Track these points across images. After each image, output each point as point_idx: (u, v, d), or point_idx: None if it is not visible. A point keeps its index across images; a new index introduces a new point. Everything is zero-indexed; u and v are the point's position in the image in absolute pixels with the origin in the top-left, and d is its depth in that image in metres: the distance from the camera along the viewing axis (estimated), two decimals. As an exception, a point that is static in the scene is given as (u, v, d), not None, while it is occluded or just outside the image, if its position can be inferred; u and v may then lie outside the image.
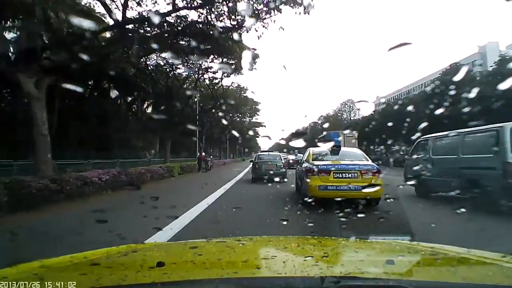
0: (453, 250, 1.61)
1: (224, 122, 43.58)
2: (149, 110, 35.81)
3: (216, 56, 23.05)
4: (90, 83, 25.15)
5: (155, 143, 33.72)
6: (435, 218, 6.12)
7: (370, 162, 7.52)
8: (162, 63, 24.74)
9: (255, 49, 22.01)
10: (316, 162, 7.58)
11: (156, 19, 12.53)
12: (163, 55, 22.87)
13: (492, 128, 7.21)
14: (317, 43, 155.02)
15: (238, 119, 49.90)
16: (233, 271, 1.18)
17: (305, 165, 8.15)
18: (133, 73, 23.73)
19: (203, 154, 25.21)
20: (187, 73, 27.14)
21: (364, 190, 6.16)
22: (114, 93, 28.05)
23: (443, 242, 1.88)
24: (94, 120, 24.38)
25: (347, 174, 6.97)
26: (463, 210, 6.34)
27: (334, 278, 0.99)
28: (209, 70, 27.30)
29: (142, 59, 21.77)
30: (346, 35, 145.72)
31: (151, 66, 25.20)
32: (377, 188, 6.35)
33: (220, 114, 42.99)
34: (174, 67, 25.28)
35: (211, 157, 35.04)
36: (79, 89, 22.34)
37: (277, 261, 1.41)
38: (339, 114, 77.90)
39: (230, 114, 45.75)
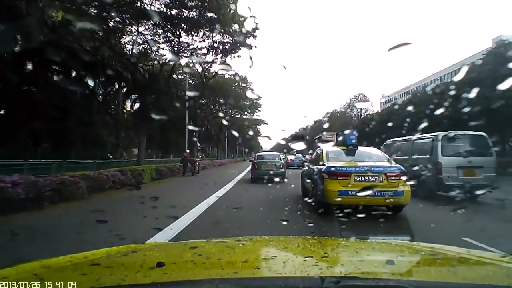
0: (453, 250, 1.61)
1: (221, 116, 39.66)
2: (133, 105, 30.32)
3: (206, 34, 19.11)
4: (56, 67, 19.75)
5: (140, 141, 28.86)
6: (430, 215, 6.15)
7: (394, 163, 6.74)
8: (140, 41, 19.97)
9: (254, 17, 19.60)
10: (333, 164, 6.66)
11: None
12: (140, 29, 18.73)
13: (429, 136, 9.26)
14: (320, 40, 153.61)
15: (237, 115, 45.74)
16: (233, 271, 1.18)
17: (319, 166, 7.16)
18: (107, 54, 18.81)
19: (188, 152, 21.06)
20: (169, 51, 20.57)
21: (391, 196, 5.72)
22: (83, 78, 21.52)
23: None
24: (51, 110, 18.13)
25: (370, 177, 6.13)
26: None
27: (334, 278, 0.99)
28: (197, 50, 21.23)
29: (114, 35, 17.57)
30: (352, 32, 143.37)
31: (127, 44, 20.51)
32: (405, 193, 5.95)
33: (216, 107, 38.20)
34: (152, 43, 19.97)
35: (200, 156, 30.64)
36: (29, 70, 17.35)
37: (277, 261, 1.42)
38: (348, 111, 70.85)
39: (228, 110, 40.91)
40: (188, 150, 21.25)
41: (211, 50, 20.89)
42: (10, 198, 6.65)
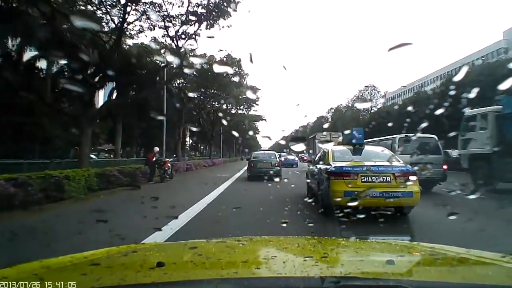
0: (453, 250, 1.61)
1: (213, 109, 34.77)
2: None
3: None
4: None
5: (83, 133, 19.14)
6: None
7: (402, 163, 6.53)
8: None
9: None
10: (338, 163, 6.44)
11: None
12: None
13: (389, 138, 11.53)
14: (323, 35, 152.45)
15: (233, 109, 40.61)
16: (233, 271, 1.18)
17: (324, 166, 6.90)
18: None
19: (157, 150, 15.99)
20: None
21: (399, 198, 5.58)
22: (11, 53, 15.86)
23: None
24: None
25: (378, 177, 5.91)
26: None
27: (334, 278, 0.99)
28: (174, 19, 15.56)
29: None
30: (359, 25, 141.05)
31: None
32: (414, 194, 5.77)
33: (208, 100, 32.29)
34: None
35: (175, 156, 25.39)
36: None
37: (277, 261, 1.42)
38: (356, 105, 66.14)
39: (222, 103, 34.96)
40: (157, 148, 16.23)
41: (191, 21, 15.44)
42: None
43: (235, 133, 35.94)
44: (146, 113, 19.11)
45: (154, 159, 15.16)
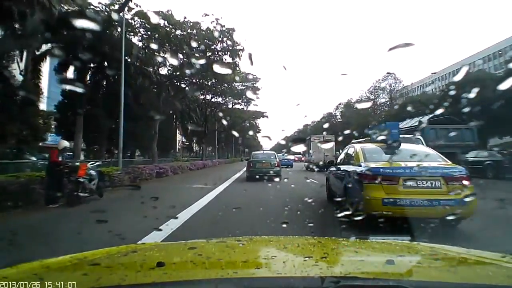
0: (453, 250, 1.62)
1: (205, 100, 29.35)
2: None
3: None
4: None
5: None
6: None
7: (451, 163, 5.45)
8: None
9: None
10: (372, 164, 5.44)
11: None
12: None
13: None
14: (327, 30, 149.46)
15: (228, 101, 34.83)
16: (233, 271, 1.18)
17: (352, 168, 5.94)
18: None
19: (61, 145, 8.70)
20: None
21: (451, 207, 4.41)
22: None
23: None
24: None
25: (425, 182, 4.82)
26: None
27: (334, 278, 0.99)
28: None
29: None
30: (367, 19, 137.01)
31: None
32: (469, 204, 4.55)
33: (201, 91, 26.14)
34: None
35: (107, 159, 17.88)
36: None
37: (277, 261, 1.42)
38: (371, 97, 52.64)
39: (214, 90, 28.36)
40: (64, 142, 9.23)
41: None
42: None
43: (235, 133, 34.41)
44: (115, 102, 14.45)
45: (59, 160, 8.33)
